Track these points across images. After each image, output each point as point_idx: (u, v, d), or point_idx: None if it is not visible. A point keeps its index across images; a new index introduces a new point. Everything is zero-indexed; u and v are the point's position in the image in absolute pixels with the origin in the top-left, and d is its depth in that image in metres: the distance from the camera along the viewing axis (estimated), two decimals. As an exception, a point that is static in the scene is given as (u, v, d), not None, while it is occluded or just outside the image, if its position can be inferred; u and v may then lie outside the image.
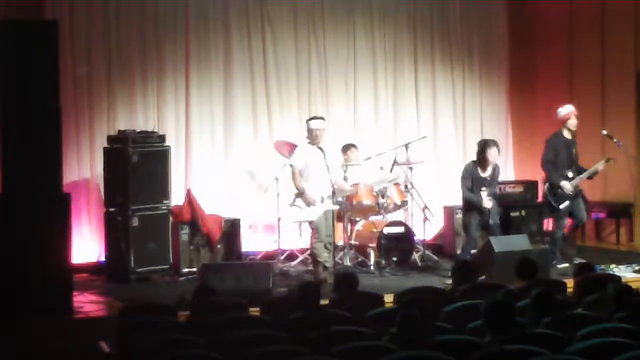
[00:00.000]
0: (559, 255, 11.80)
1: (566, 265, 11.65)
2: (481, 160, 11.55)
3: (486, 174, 11.54)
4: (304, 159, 11.25)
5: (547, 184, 11.91)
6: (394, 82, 13.82)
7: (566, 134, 11.84)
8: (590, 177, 11.92)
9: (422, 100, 13.98)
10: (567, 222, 11.96)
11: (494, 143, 11.66)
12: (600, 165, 11.78)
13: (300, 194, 11.24)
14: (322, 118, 11.54)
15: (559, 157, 11.80)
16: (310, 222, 11.23)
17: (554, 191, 11.77)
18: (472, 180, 11.47)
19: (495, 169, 11.65)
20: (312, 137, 11.20)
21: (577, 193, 11.83)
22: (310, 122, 11.36)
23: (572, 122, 11.80)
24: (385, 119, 13.78)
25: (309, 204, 11.14)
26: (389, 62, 13.78)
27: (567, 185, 11.71)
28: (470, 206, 11.47)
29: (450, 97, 14.17)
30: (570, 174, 11.75)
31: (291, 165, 11.34)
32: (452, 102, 14.18)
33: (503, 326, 6.47)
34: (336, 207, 11.21)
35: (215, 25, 12.86)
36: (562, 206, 11.74)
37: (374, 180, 12.21)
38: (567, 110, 11.85)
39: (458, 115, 14.20)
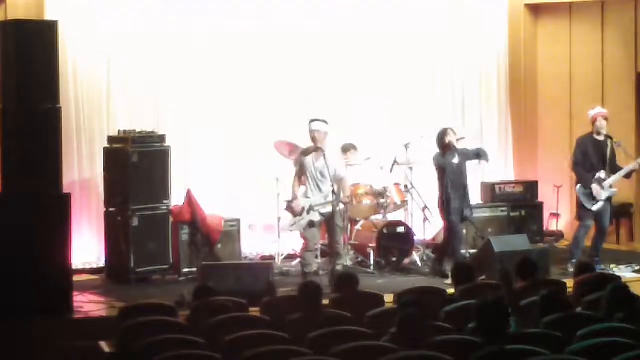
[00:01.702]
0: (575, 259, 11.57)
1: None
2: (444, 147, 11.48)
3: (456, 160, 11.51)
4: (299, 162, 11.26)
5: (578, 185, 11.83)
6: (394, 81, 13.81)
7: (596, 136, 11.81)
8: (627, 177, 11.87)
9: (422, 100, 13.97)
10: (592, 224, 11.87)
11: (449, 128, 11.71)
12: (634, 165, 11.73)
13: (291, 200, 11.23)
14: (323, 121, 11.44)
15: (589, 158, 11.74)
16: (300, 232, 11.23)
17: (586, 192, 11.71)
18: (442, 170, 11.48)
19: (465, 152, 11.61)
20: (313, 140, 11.18)
21: (608, 198, 11.77)
22: (310, 123, 11.32)
23: (600, 124, 11.74)
24: (385, 119, 13.77)
25: (294, 213, 11.13)
26: (389, 62, 13.77)
27: (598, 189, 11.64)
28: (450, 200, 11.41)
29: (450, 97, 14.16)
30: (602, 175, 11.69)
31: (296, 172, 11.37)
32: (452, 101, 14.18)
33: (494, 328, 6.44)
34: (318, 218, 11.06)
35: (215, 25, 12.85)
36: (594, 208, 11.67)
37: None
38: (594, 112, 11.82)
39: (458, 115, 14.19)
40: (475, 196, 13.70)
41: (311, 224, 11.08)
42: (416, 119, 13.88)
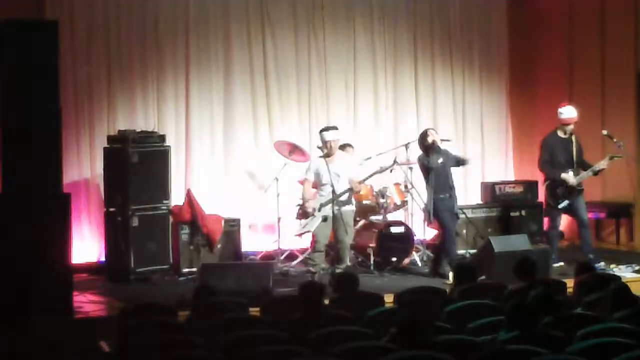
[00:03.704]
0: (555, 255, 11.78)
1: (561, 264, 11.68)
2: (427, 148, 11.51)
3: (440, 160, 11.53)
4: (315, 170, 11.21)
5: (546, 183, 11.91)
6: (394, 82, 13.83)
7: (560, 133, 11.84)
8: (595, 174, 11.88)
9: (422, 100, 13.99)
10: (559, 224, 11.92)
11: (430, 129, 11.75)
12: (602, 164, 11.74)
13: (302, 204, 11.31)
14: (335, 128, 11.41)
15: (556, 157, 11.79)
16: (312, 232, 11.28)
17: (553, 191, 11.77)
18: (427, 171, 11.48)
19: (447, 154, 11.63)
20: (328, 148, 11.12)
21: (579, 192, 11.80)
22: (324, 133, 11.22)
23: (570, 128, 11.79)
24: (386, 119, 13.78)
25: (306, 215, 11.17)
26: (389, 62, 13.78)
27: (569, 177, 11.66)
28: (438, 199, 11.46)
29: (450, 97, 14.17)
30: (570, 172, 11.74)
31: (306, 179, 11.34)
32: (452, 102, 14.18)
33: (526, 325, 6.52)
34: (329, 213, 11.05)
35: (215, 26, 12.86)
36: (560, 205, 11.73)
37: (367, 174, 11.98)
38: (569, 114, 11.80)
39: (458, 115, 14.20)
40: (475, 196, 13.74)
41: (324, 219, 11.05)
42: (416, 119, 13.90)
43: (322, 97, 13.41)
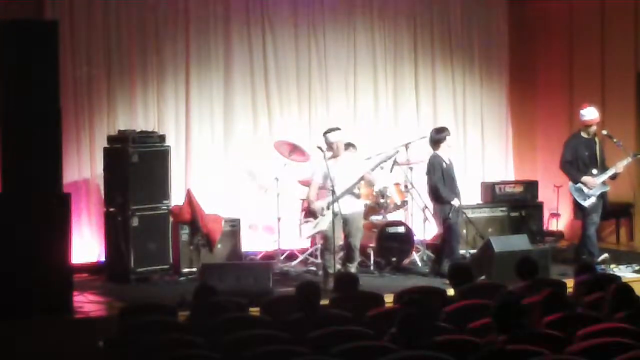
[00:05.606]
0: (596, 251, 11.81)
1: (605, 255, 11.80)
2: (437, 143, 11.57)
3: (447, 160, 11.62)
4: (323, 174, 10.97)
5: (570, 184, 11.92)
6: (394, 81, 13.82)
7: (584, 134, 11.92)
8: (613, 177, 11.91)
9: (422, 100, 13.98)
10: (598, 218, 11.92)
11: (448, 130, 11.82)
12: (620, 166, 11.78)
13: (309, 203, 11.12)
14: (338, 129, 11.23)
15: (580, 157, 11.83)
16: (321, 233, 11.08)
17: (579, 188, 11.78)
18: (442, 172, 11.48)
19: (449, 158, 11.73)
20: (334, 150, 10.96)
21: (603, 193, 11.82)
22: (328, 135, 11.04)
23: (593, 129, 11.87)
24: (386, 119, 13.78)
25: (314, 215, 11.00)
26: (389, 62, 13.78)
27: (590, 180, 11.73)
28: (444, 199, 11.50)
29: (451, 97, 14.17)
30: (595, 171, 11.78)
31: (313, 181, 11.13)
32: (452, 101, 14.18)
33: (510, 325, 6.50)
34: (337, 212, 10.95)
35: (215, 26, 12.86)
36: (586, 203, 11.74)
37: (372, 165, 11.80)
38: (590, 116, 11.86)
39: (458, 115, 14.20)
40: (475, 196, 13.74)
41: (335, 215, 10.81)
42: (417, 119, 13.90)
43: (322, 96, 13.40)
